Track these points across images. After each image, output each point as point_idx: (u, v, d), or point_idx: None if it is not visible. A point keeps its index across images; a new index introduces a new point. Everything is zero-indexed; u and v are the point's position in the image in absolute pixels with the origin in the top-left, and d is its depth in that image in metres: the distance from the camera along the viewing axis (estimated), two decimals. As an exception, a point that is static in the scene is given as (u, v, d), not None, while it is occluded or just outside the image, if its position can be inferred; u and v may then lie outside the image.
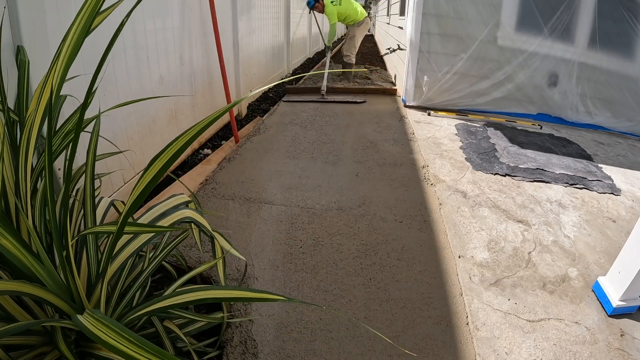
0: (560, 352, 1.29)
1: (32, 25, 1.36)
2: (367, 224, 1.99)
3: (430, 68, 3.96)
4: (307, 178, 2.49)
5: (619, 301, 1.44)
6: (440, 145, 3.09)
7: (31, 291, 0.69)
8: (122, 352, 0.56)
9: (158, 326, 1.00)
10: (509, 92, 3.98)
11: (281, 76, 5.97)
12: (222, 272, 1.15)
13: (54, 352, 0.82)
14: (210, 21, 2.88)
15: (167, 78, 2.44)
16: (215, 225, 1.92)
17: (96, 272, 0.92)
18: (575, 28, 3.72)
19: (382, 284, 1.58)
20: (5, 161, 0.80)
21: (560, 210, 2.20)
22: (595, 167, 2.83)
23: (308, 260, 1.71)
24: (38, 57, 1.37)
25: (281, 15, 5.71)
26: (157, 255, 1.08)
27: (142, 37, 2.12)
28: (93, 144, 0.95)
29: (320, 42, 10.08)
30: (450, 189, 2.37)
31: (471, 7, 3.72)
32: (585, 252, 1.83)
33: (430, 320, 1.42)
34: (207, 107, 3.14)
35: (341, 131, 3.43)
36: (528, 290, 1.57)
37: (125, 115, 2.01)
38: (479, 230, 1.95)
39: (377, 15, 11.93)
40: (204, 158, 2.87)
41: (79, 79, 1.45)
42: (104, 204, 1.16)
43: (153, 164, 0.69)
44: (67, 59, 0.70)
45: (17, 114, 1.11)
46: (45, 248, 0.84)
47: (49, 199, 0.70)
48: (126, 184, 2.06)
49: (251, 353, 1.25)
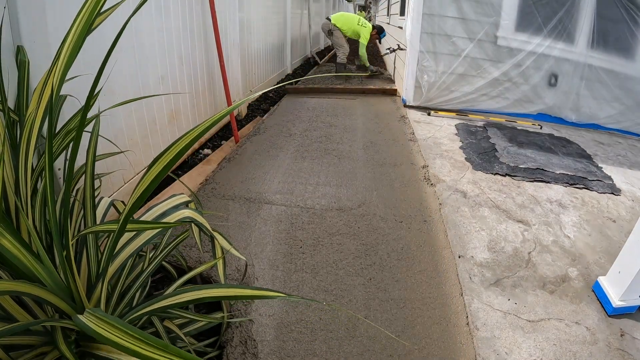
0: (560, 352, 1.29)
1: (32, 25, 1.35)
2: (367, 224, 1.99)
3: (430, 68, 3.96)
4: (307, 178, 2.49)
5: (619, 301, 1.44)
6: (440, 145, 3.09)
7: (31, 291, 0.69)
8: (129, 348, 0.56)
9: (158, 326, 1.00)
10: (509, 92, 3.99)
11: (281, 76, 5.97)
12: (222, 272, 1.15)
13: (54, 352, 0.82)
14: (210, 21, 2.88)
15: (167, 78, 2.44)
16: (215, 225, 1.92)
17: (96, 271, 0.92)
18: (575, 28, 3.72)
19: (382, 284, 1.58)
20: (5, 161, 0.80)
21: (560, 210, 2.20)
22: (595, 167, 2.83)
23: (308, 260, 1.71)
24: (38, 57, 1.37)
25: (281, 15, 5.71)
26: (157, 255, 1.08)
27: (143, 37, 2.12)
28: (93, 144, 0.95)
29: (321, 42, 10.10)
30: (450, 189, 2.37)
31: (471, 7, 3.72)
32: (585, 252, 1.83)
33: (430, 320, 1.42)
34: (208, 107, 3.14)
35: (341, 131, 3.43)
36: (528, 290, 1.57)
37: (126, 115, 2.01)
38: (479, 230, 1.95)
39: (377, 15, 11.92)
40: (204, 158, 2.87)
41: (79, 79, 1.45)
42: (104, 204, 1.16)
43: (155, 164, 0.69)
44: (67, 59, 0.70)
45: (17, 114, 1.11)
46: (45, 248, 0.84)
47: (49, 199, 0.70)
48: (126, 184, 2.06)
49: (251, 353, 1.25)
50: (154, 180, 0.69)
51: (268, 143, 3.08)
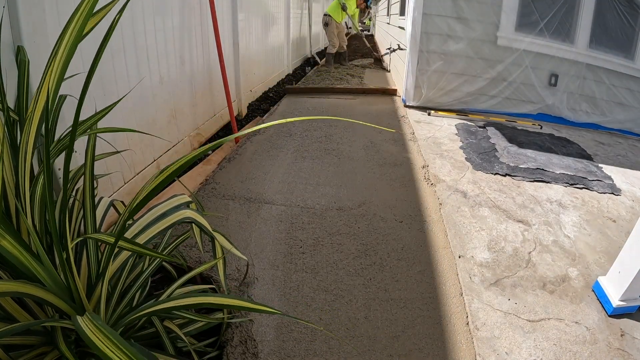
0: (560, 352, 1.29)
1: (32, 25, 1.35)
2: (367, 224, 1.99)
3: (430, 68, 3.96)
4: (307, 178, 2.49)
5: (619, 301, 1.44)
6: (440, 145, 3.09)
7: (31, 291, 0.69)
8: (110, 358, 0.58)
9: (158, 326, 1.01)
10: (508, 92, 3.98)
11: (281, 76, 5.97)
12: (222, 272, 1.15)
13: (54, 352, 0.82)
14: (210, 21, 2.88)
15: (167, 78, 2.44)
16: (216, 225, 1.92)
17: (96, 272, 0.92)
18: (575, 27, 3.72)
19: (382, 284, 1.58)
20: (5, 161, 0.80)
21: (561, 210, 2.20)
22: (595, 167, 2.83)
23: (308, 260, 1.71)
24: (38, 57, 1.37)
25: (281, 15, 5.71)
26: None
27: (142, 37, 2.12)
28: (92, 144, 0.95)
29: (321, 42, 10.08)
30: (450, 188, 2.37)
31: (471, 7, 3.72)
32: (586, 252, 1.83)
33: (430, 320, 1.42)
34: (207, 107, 3.14)
35: (341, 131, 3.43)
36: (528, 290, 1.57)
37: (125, 115, 2.01)
38: (479, 230, 1.95)
39: (377, 15, 11.91)
40: (204, 158, 2.87)
41: (79, 79, 1.45)
42: (104, 204, 1.16)
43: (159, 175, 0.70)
44: (65, 59, 0.70)
45: (17, 114, 1.11)
46: (45, 248, 0.84)
47: (48, 199, 0.70)
48: (126, 184, 2.06)
49: (251, 353, 1.25)
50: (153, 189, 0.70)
51: (268, 143, 3.08)
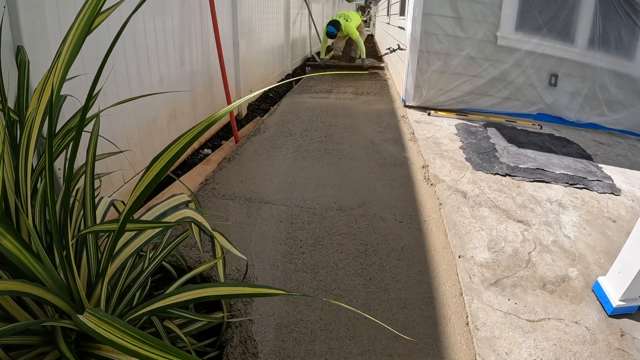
0: (560, 352, 1.29)
1: (32, 25, 1.35)
2: (367, 224, 1.99)
3: (430, 68, 3.96)
4: (307, 178, 2.49)
5: (619, 301, 1.44)
6: (440, 145, 3.09)
7: (31, 291, 0.69)
8: (128, 348, 0.56)
9: (158, 326, 1.01)
10: (508, 92, 3.98)
11: (282, 75, 5.97)
12: (222, 272, 1.15)
13: (54, 352, 0.82)
14: (210, 21, 2.88)
15: (167, 78, 2.44)
16: (215, 225, 1.92)
17: (96, 271, 0.92)
18: (575, 27, 3.72)
19: (382, 284, 1.58)
20: (5, 161, 0.80)
21: (560, 210, 2.20)
22: (595, 167, 2.83)
23: (308, 260, 1.71)
24: (38, 57, 1.37)
25: (281, 15, 5.71)
26: (157, 255, 1.08)
27: (142, 37, 2.12)
28: (93, 144, 0.95)
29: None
30: (450, 189, 2.37)
31: (471, 7, 3.72)
32: (585, 252, 1.83)
33: (430, 320, 1.42)
34: (207, 107, 3.14)
35: (341, 131, 3.43)
36: (528, 290, 1.57)
37: (125, 115, 2.01)
38: (479, 230, 1.95)
39: (377, 15, 11.92)
40: (204, 158, 2.87)
41: (79, 79, 1.45)
42: (104, 204, 1.16)
43: (154, 164, 0.69)
44: (68, 59, 0.70)
45: (17, 114, 1.11)
46: (45, 248, 0.84)
47: (49, 198, 0.70)
48: (126, 183, 2.06)
49: (251, 353, 1.25)
50: (153, 179, 0.69)
51: (268, 143, 3.08)
